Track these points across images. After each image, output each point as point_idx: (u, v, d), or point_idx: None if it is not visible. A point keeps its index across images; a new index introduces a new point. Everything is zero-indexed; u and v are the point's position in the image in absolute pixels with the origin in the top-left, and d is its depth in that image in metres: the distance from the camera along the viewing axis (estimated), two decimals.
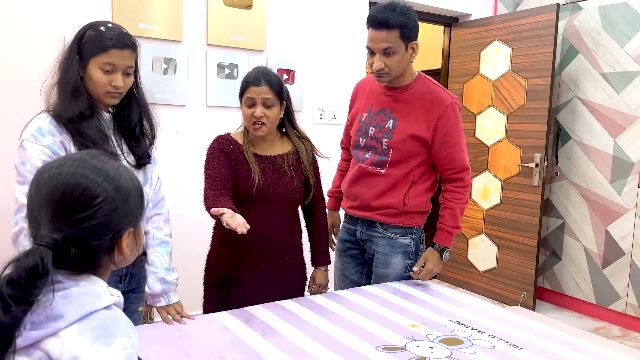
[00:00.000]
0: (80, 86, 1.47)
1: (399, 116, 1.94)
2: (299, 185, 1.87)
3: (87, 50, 1.45)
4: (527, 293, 3.69)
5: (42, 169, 0.85)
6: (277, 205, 1.83)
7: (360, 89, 2.14)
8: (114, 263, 0.88)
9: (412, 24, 1.83)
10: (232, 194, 1.76)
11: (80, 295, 0.80)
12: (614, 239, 3.49)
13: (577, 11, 3.67)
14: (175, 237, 2.12)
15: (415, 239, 2.04)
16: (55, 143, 1.42)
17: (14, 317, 0.74)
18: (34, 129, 1.43)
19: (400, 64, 1.86)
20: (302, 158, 1.89)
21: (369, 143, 1.99)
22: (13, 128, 2.57)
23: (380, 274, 2.04)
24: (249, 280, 1.85)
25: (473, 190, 4.07)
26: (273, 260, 1.87)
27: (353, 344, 1.45)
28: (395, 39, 1.81)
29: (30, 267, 0.75)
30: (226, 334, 1.48)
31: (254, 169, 1.78)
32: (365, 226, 2.05)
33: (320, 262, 2.01)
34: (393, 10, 1.79)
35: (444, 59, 4.35)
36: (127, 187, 0.87)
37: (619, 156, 3.45)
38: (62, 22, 2.62)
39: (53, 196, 0.80)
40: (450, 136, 1.92)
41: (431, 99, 1.91)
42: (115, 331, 0.80)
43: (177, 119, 2.97)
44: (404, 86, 1.95)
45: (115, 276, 1.61)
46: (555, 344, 1.52)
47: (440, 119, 1.89)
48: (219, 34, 3.06)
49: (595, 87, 3.58)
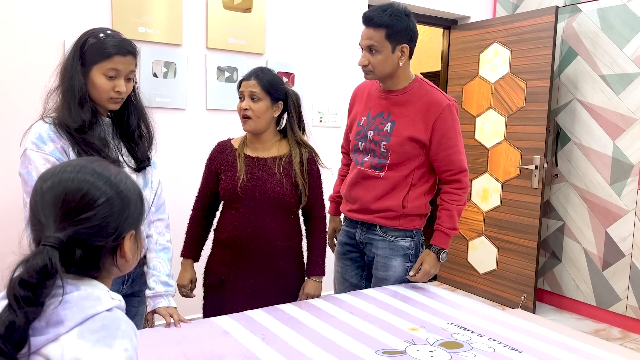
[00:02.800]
0: (86, 94, 1.48)
1: (397, 119, 1.95)
2: (290, 188, 1.86)
3: (90, 57, 1.46)
4: (527, 295, 3.69)
5: (43, 175, 0.86)
6: (264, 205, 1.84)
7: (358, 93, 2.15)
8: (117, 266, 0.89)
9: (402, 26, 1.85)
10: (216, 197, 1.95)
11: (80, 299, 0.81)
12: (613, 240, 3.49)
13: (576, 13, 3.68)
14: (175, 240, 2.13)
15: (415, 241, 2.05)
16: (57, 149, 1.44)
17: (27, 317, 0.75)
18: (34, 137, 1.44)
19: (383, 64, 1.88)
20: (294, 163, 1.87)
21: (368, 146, 2.00)
22: (13, 133, 2.58)
23: (380, 276, 2.04)
24: (242, 282, 1.88)
25: (473, 192, 4.08)
26: (264, 263, 1.87)
27: (353, 347, 1.45)
28: (380, 38, 1.84)
29: (40, 267, 0.76)
30: (226, 338, 1.49)
31: (240, 167, 1.84)
32: (365, 229, 2.06)
33: (312, 272, 1.95)
34: (384, 10, 1.84)
35: (444, 61, 4.36)
36: (128, 191, 0.89)
37: (619, 158, 3.45)
38: (62, 26, 2.62)
39: (57, 200, 0.82)
40: (448, 138, 1.93)
41: (428, 101, 1.92)
42: (116, 332, 0.80)
43: (177, 123, 2.97)
44: (401, 89, 1.96)
45: (118, 278, 1.61)
46: (555, 347, 1.52)
47: (438, 120, 1.90)
48: (218, 37, 3.07)
49: (594, 89, 3.59)
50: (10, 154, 2.44)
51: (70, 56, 1.48)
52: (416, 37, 1.93)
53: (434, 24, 4.24)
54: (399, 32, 1.85)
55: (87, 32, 1.50)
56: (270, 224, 1.85)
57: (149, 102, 1.68)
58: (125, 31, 1.61)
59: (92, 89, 1.48)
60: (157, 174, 1.70)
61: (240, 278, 1.87)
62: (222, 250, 1.90)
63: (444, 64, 4.35)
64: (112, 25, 2.72)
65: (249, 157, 1.87)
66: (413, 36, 1.90)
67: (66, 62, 1.48)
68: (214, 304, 1.91)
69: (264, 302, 1.82)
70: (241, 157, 1.86)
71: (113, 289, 0.89)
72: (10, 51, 2.52)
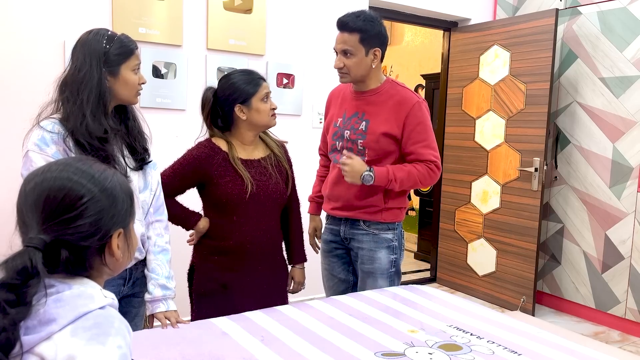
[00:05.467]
0: (109, 100, 1.51)
1: (371, 117, 2.03)
2: (283, 185, 1.95)
3: (116, 59, 1.50)
4: (526, 297, 3.69)
5: (28, 177, 0.86)
6: (267, 206, 1.89)
7: (333, 97, 2.24)
8: (107, 265, 0.88)
9: (375, 31, 1.96)
10: (217, 202, 1.85)
11: (73, 298, 0.80)
12: (613, 243, 3.49)
13: (576, 16, 3.68)
14: (175, 241, 2.12)
15: (397, 233, 2.11)
16: (59, 152, 1.44)
17: (12, 320, 0.74)
18: (37, 139, 1.43)
19: (358, 66, 1.98)
20: (279, 158, 1.96)
21: (346, 145, 2.07)
22: (12, 132, 2.58)
23: (367, 270, 2.08)
24: (249, 285, 1.87)
25: (472, 194, 4.08)
26: (267, 262, 1.92)
27: (352, 349, 1.45)
28: (354, 42, 1.94)
29: (19, 269, 0.76)
30: (225, 340, 1.49)
31: (245, 176, 1.83)
32: (349, 225, 2.12)
33: (298, 260, 2.07)
34: (357, 16, 1.95)
35: (444, 64, 4.36)
36: (114, 188, 0.87)
37: (618, 161, 3.45)
38: (62, 27, 2.62)
39: (39, 201, 0.81)
40: (418, 132, 1.99)
41: (399, 99, 2.01)
42: (109, 330, 0.80)
43: (177, 123, 2.97)
44: (373, 89, 2.06)
45: (120, 279, 1.61)
46: (554, 349, 1.52)
47: (408, 116, 1.98)
48: (219, 38, 3.07)
49: (594, 91, 3.59)
50: (11, 154, 2.44)
51: (87, 65, 1.46)
52: (387, 42, 2.04)
53: (434, 26, 4.24)
54: (372, 36, 1.95)
55: (96, 39, 1.49)
56: (271, 222, 1.92)
57: (148, 102, 1.69)
58: (126, 32, 1.61)
59: (123, 87, 1.52)
60: (156, 175, 1.69)
61: (247, 281, 1.88)
62: (224, 256, 1.87)
63: (444, 66, 4.36)
64: (112, 26, 2.72)
65: (243, 160, 1.87)
66: (384, 41, 2.01)
67: (84, 73, 1.46)
68: (210, 311, 1.83)
69: (268, 300, 1.86)
70: (237, 161, 1.84)
71: (114, 290, 0.89)
72: (10, 51, 2.52)
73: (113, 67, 1.49)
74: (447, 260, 4.34)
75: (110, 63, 1.49)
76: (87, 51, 1.47)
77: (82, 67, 1.46)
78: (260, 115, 1.85)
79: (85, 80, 1.45)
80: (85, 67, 1.46)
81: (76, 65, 1.47)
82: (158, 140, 2.73)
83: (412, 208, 5.61)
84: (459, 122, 4.17)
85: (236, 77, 1.86)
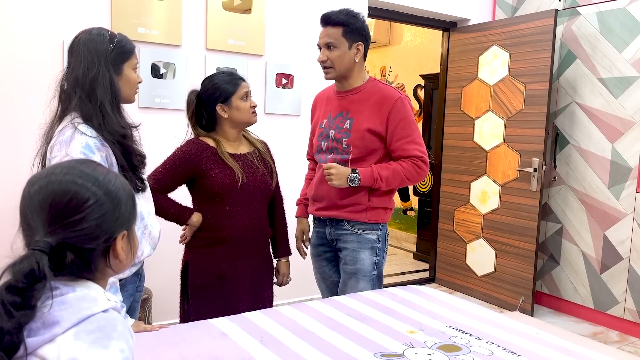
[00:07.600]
0: (120, 98, 1.52)
1: (355, 115, 2.05)
2: (269, 177, 2.04)
3: (119, 58, 1.51)
4: (525, 297, 3.69)
5: (32, 179, 0.86)
6: (257, 196, 1.98)
7: (318, 101, 2.28)
8: (111, 268, 0.89)
9: (358, 26, 2.01)
10: (210, 194, 1.92)
11: (76, 300, 0.80)
12: (612, 243, 3.49)
13: (575, 16, 3.68)
14: (174, 240, 2.12)
15: (381, 235, 2.11)
16: (102, 158, 1.42)
17: (17, 323, 0.74)
18: (81, 146, 1.40)
19: (342, 59, 2.02)
20: (263, 154, 2.06)
21: (331, 145, 2.09)
22: (13, 132, 2.58)
23: (349, 271, 2.09)
24: (244, 274, 1.96)
25: (471, 194, 4.08)
26: (258, 250, 2.02)
27: (351, 350, 1.45)
28: (337, 35, 2.00)
29: (27, 272, 0.76)
30: (224, 340, 1.48)
31: (235, 167, 1.92)
32: (334, 225, 2.13)
33: (283, 253, 2.17)
34: (340, 12, 2.02)
35: (443, 64, 4.36)
36: (117, 191, 0.88)
37: (617, 161, 3.45)
38: (62, 26, 2.62)
39: (45, 204, 0.81)
40: (402, 128, 2.01)
41: (381, 96, 2.04)
42: (112, 333, 0.80)
43: (176, 123, 2.96)
44: (355, 88, 2.09)
45: (134, 276, 1.64)
46: (553, 350, 1.52)
47: (391, 112, 2.00)
48: (218, 38, 3.06)
49: (593, 92, 3.59)
50: (10, 154, 2.43)
51: (97, 64, 1.46)
52: (369, 39, 2.09)
53: (433, 27, 4.24)
54: (354, 30, 2.01)
55: (103, 35, 1.50)
56: (262, 213, 2.02)
57: (147, 102, 1.69)
58: (125, 32, 1.61)
59: (126, 86, 1.54)
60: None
61: (242, 270, 1.96)
62: (218, 247, 1.94)
63: (443, 67, 4.36)
64: (111, 26, 2.72)
65: (232, 154, 1.96)
66: (367, 37, 2.06)
67: (95, 72, 1.45)
68: (208, 302, 1.93)
69: (260, 289, 2.00)
70: (226, 155, 1.93)
71: (132, 288, 0.88)
72: (10, 51, 2.52)
73: (117, 65, 1.51)
74: (446, 260, 4.34)
75: (114, 62, 1.50)
76: (93, 50, 1.47)
77: (91, 66, 1.45)
78: (240, 113, 1.95)
79: (99, 79, 1.45)
80: (95, 67, 1.46)
81: (85, 65, 1.46)
82: (157, 140, 2.73)
83: (411, 208, 5.61)
84: (458, 123, 4.17)
85: (217, 78, 1.98)
